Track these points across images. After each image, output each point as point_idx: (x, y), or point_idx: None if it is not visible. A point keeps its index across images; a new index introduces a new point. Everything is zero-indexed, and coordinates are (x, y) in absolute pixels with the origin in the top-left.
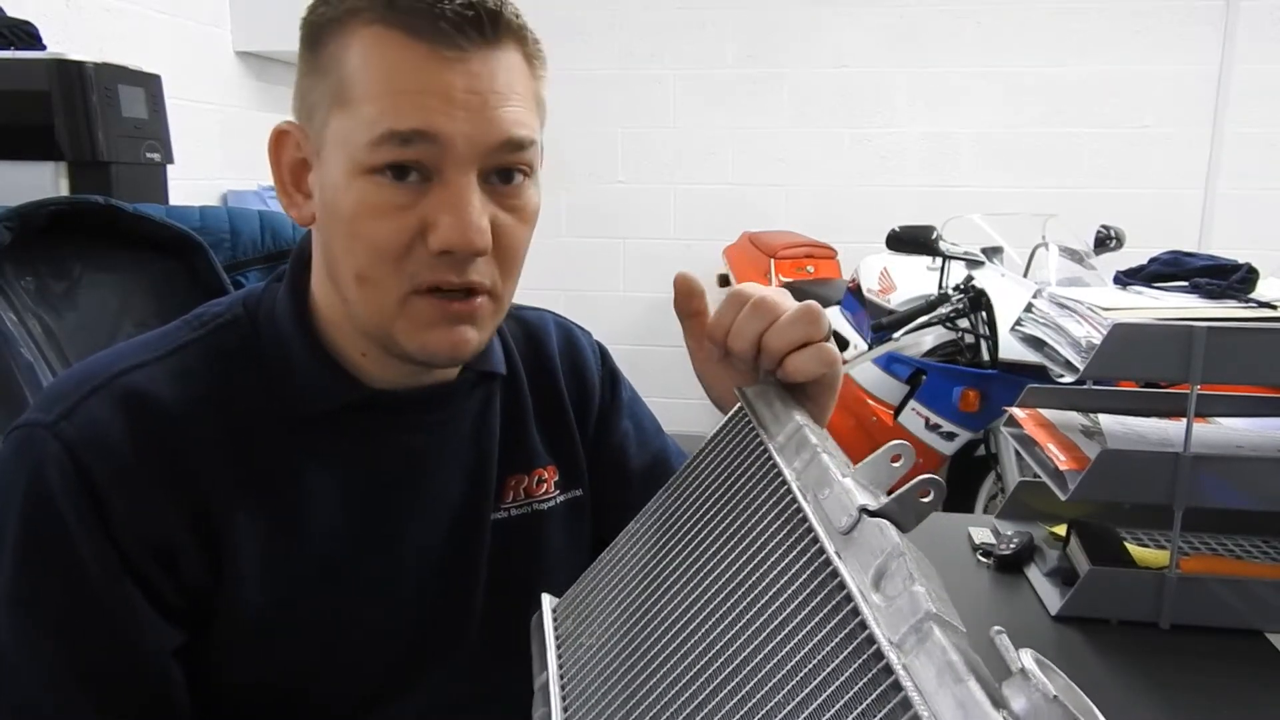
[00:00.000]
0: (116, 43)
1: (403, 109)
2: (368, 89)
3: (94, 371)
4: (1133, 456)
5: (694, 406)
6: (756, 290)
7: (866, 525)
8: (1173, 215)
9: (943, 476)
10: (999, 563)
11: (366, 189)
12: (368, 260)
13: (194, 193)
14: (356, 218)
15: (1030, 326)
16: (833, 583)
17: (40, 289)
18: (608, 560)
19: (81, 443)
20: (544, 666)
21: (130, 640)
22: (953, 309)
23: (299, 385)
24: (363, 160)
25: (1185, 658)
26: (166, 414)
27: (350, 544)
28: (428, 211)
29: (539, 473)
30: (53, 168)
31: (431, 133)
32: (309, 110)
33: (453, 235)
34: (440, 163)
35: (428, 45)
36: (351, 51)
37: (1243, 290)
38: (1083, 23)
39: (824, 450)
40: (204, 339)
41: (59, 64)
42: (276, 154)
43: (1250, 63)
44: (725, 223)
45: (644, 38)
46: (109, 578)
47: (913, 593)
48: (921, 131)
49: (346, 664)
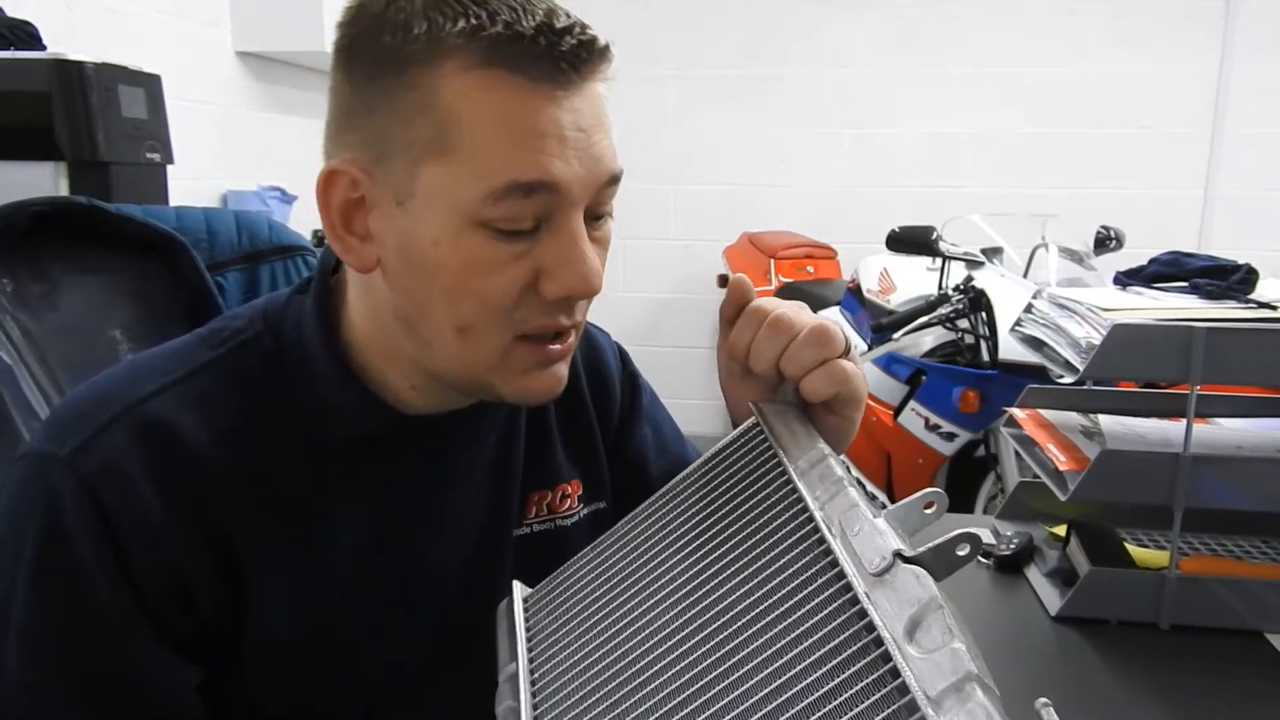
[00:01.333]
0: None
1: (524, 157)
2: (480, 138)
3: (110, 397)
4: (1132, 457)
5: (694, 407)
6: (771, 307)
7: (901, 571)
8: (1173, 215)
9: (942, 477)
10: (999, 563)
11: (480, 244)
12: (476, 313)
13: (194, 193)
14: (466, 272)
15: (1030, 327)
16: (859, 623)
17: (18, 291)
18: (590, 559)
19: (100, 479)
20: (513, 657)
21: (147, 681)
22: (952, 309)
23: (328, 411)
24: (478, 214)
25: (1185, 658)
26: (188, 447)
27: (375, 566)
28: (542, 260)
29: (563, 488)
30: (52, 168)
31: (551, 182)
32: (381, 151)
33: (575, 284)
34: (554, 209)
35: (540, 84)
36: (450, 94)
37: (1242, 291)
38: (1083, 23)
39: (851, 484)
40: (224, 359)
41: (59, 64)
42: (326, 196)
43: (1250, 63)
44: (725, 223)
45: (644, 38)
46: (126, 619)
47: (953, 649)
48: (921, 132)
49: (368, 683)
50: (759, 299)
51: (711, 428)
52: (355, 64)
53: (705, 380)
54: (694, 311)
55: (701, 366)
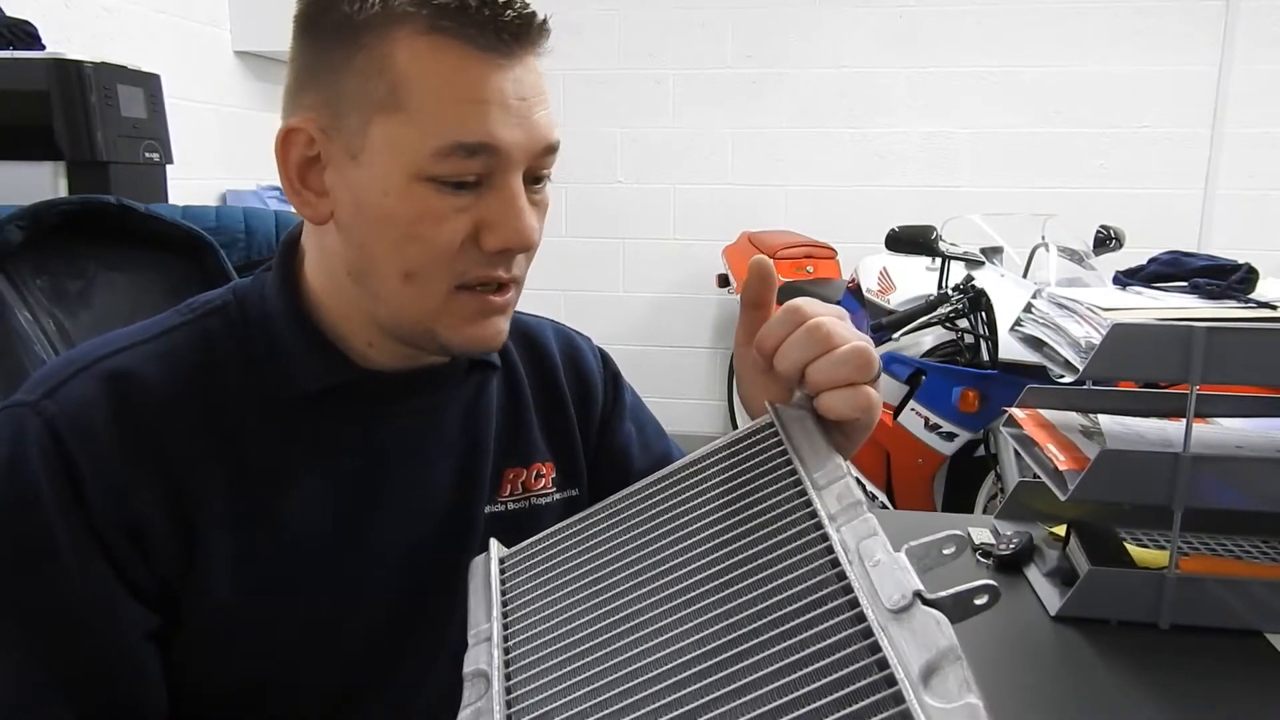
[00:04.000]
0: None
1: (468, 121)
2: (429, 98)
3: (81, 355)
4: (1132, 457)
5: (694, 406)
6: (814, 312)
7: (920, 613)
8: (1172, 215)
9: (942, 477)
10: (998, 563)
11: (427, 196)
12: (421, 260)
13: (193, 193)
14: (414, 222)
15: (1030, 327)
16: (870, 657)
17: (54, 288)
18: (577, 528)
19: (62, 419)
20: (487, 617)
21: (101, 618)
22: (952, 309)
23: (287, 365)
24: (424, 169)
25: (1184, 658)
26: (148, 392)
27: (332, 533)
28: (483, 214)
29: (537, 467)
30: (51, 167)
31: (494, 145)
32: (337, 110)
33: (513, 238)
34: (494, 169)
35: (484, 53)
36: (404, 57)
37: (1242, 290)
38: (1083, 23)
39: (870, 510)
40: (191, 323)
41: (58, 64)
42: (284, 153)
43: (1250, 63)
44: (725, 223)
45: (644, 38)
46: (83, 554)
47: (969, 704)
48: (921, 131)
49: (326, 658)
50: (803, 301)
51: (711, 428)
52: (315, 31)
53: (705, 380)
54: (694, 311)
55: (701, 366)
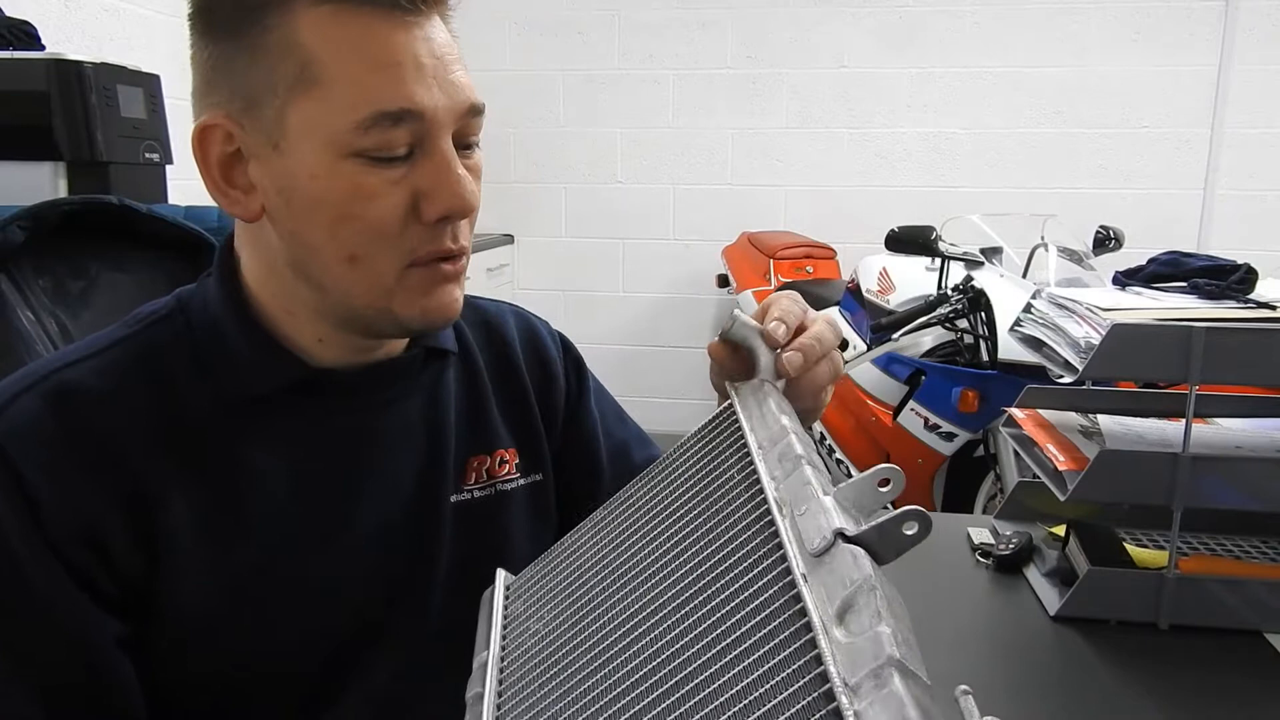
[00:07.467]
0: (115, 43)
1: (384, 86)
2: (340, 69)
3: (27, 373)
4: (1132, 457)
5: (693, 406)
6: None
7: (840, 551)
8: (1172, 216)
9: (941, 477)
10: (998, 563)
11: (357, 172)
12: (363, 241)
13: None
14: (347, 202)
15: (1029, 327)
16: (794, 607)
17: (57, 289)
18: (568, 545)
19: (9, 436)
20: (486, 645)
21: (68, 632)
22: (952, 309)
23: (237, 369)
24: (349, 144)
25: (1184, 658)
26: (97, 404)
27: (298, 529)
28: (418, 183)
29: (500, 454)
30: (51, 168)
31: (416, 109)
32: (249, 100)
33: (453, 203)
34: (423, 135)
35: (390, 13)
36: (307, 31)
37: (1242, 291)
38: (1083, 23)
39: (809, 462)
40: (136, 335)
41: (57, 64)
42: (203, 153)
43: (1249, 63)
44: (724, 223)
45: (643, 38)
46: (43, 570)
47: (877, 633)
48: (921, 131)
49: (297, 653)
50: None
51: None
52: (213, 22)
53: (704, 380)
54: (693, 311)
55: (701, 366)
